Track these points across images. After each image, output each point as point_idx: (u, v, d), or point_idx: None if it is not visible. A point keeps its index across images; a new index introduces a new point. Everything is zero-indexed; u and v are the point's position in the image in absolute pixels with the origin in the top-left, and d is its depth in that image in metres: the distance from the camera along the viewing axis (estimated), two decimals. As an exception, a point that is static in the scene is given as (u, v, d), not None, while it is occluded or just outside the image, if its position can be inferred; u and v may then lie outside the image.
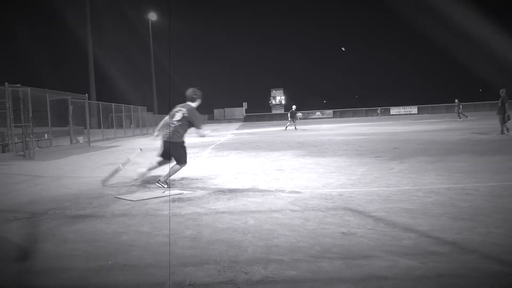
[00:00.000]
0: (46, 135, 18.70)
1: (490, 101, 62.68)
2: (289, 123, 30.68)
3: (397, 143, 14.42)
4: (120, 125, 29.39)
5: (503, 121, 15.97)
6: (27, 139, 15.36)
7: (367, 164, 9.40)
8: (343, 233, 4.23)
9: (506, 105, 16.27)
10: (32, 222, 5.23)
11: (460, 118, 33.77)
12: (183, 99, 7.43)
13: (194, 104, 7.36)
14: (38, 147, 17.22)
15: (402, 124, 31.64)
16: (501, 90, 16.43)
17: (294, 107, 31.36)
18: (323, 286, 3.00)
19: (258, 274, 3.25)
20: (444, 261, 3.37)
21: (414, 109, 66.93)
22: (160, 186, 7.06)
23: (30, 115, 15.65)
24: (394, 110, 67.30)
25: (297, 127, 30.65)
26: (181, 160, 7.28)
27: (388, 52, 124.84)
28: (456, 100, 34.01)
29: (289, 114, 31.20)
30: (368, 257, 3.54)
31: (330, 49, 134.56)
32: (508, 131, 15.81)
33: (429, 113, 62.50)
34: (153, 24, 57.26)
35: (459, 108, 34.10)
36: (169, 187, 7.04)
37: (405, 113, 66.14)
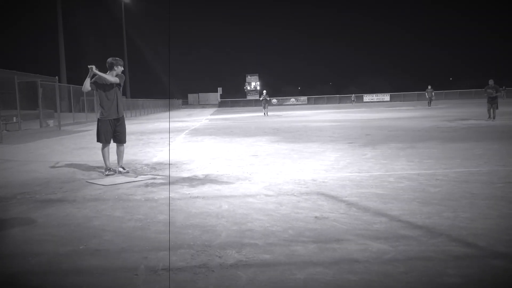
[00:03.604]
0: (14, 118, 18.20)
1: (460, 89, 64.15)
2: (265, 109, 30.58)
3: (369, 130, 14.62)
4: (92, 109, 28.78)
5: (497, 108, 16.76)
6: (-6, 122, 14.91)
7: (340, 150, 9.50)
8: (316, 217, 4.28)
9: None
10: (0, 206, 5.10)
11: (430, 105, 34.45)
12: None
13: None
14: (6, 130, 16.75)
15: (375, 111, 32.05)
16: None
17: (265, 92, 31.25)
18: (297, 269, 3.03)
19: (232, 258, 3.26)
20: (413, 245, 3.45)
21: (386, 97, 67.92)
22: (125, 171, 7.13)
23: (-3, 98, 15.19)
24: (367, 98, 68.15)
25: (268, 113, 30.48)
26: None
27: (362, 41, 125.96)
28: (429, 87, 34.63)
29: (262, 100, 31.13)
30: (340, 240, 3.59)
31: (305, 37, 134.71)
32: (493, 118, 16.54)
33: (401, 101, 63.54)
34: (126, 6, 55.99)
35: (432, 95, 34.75)
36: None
37: (378, 100, 67.08)
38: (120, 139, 7.14)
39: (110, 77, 6.81)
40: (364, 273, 2.93)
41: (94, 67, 6.63)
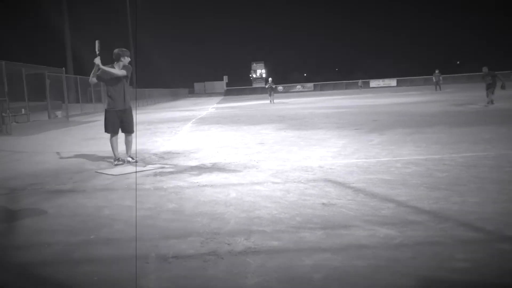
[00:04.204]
0: (23, 110, 18.30)
1: (468, 73, 63.43)
2: (271, 96, 30.41)
3: (376, 116, 14.55)
4: (99, 99, 28.86)
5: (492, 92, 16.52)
6: (3, 114, 15.01)
7: (347, 136, 9.49)
8: (323, 204, 4.30)
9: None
10: (12, 198, 5.18)
11: (438, 89, 34.12)
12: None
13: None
14: (15, 122, 16.87)
15: (382, 96, 31.84)
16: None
17: (270, 79, 31.09)
18: (305, 255, 3.06)
19: (241, 245, 3.30)
20: (421, 230, 3.47)
21: (393, 82, 67.32)
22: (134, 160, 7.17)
23: (6, 90, 15.28)
24: (374, 83, 67.58)
25: (274, 101, 30.31)
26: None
27: (367, 26, 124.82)
28: (437, 71, 34.21)
29: (267, 87, 31.00)
30: (348, 226, 3.62)
31: (310, 23, 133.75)
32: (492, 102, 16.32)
33: (408, 86, 63.02)
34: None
35: (439, 79, 34.33)
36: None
37: (384, 85, 66.51)
38: (127, 129, 7.17)
39: (116, 70, 6.81)
40: (372, 259, 2.96)
41: (99, 63, 6.61)
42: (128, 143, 7.21)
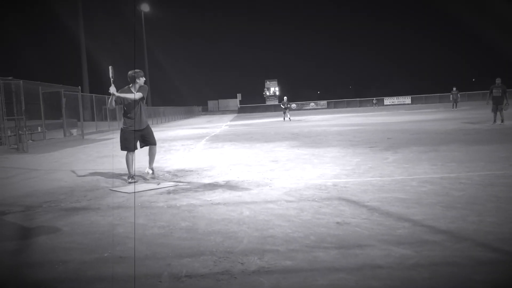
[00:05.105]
0: (39, 128, 18.57)
1: (483, 90, 62.83)
2: (284, 114, 30.79)
3: (391, 133, 14.47)
4: (114, 118, 29.19)
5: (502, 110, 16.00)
6: (20, 132, 15.25)
7: (361, 154, 9.43)
8: (338, 223, 4.26)
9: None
10: (27, 215, 5.22)
11: (455, 107, 33.95)
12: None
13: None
14: (31, 140, 17.11)
15: (396, 114, 31.69)
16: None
17: (285, 98, 31.45)
18: (319, 275, 3.02)
19: (254, 264, 3.27)
20: (437, 250, 3.41)
21: (408, 99, 67.05)
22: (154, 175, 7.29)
23: (23, 108, 15.53)
24: (388, 101, 67.39)
25: (291, 118, 30.74)
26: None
27: (381, 43, 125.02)
28: (454, 88, 34.22)
29: (282, 105, 31.48)
30: (363, 246, 3.57)
31: (324, 41, 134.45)
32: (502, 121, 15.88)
33: (422, 103, 62.65)
34: (145, 15, 56.76)
35: (457, 97, 34.32)
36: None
37: (399, 103, 66.29)
38: (151, 142, 7.28)
39: (133, 95, 6.87)
40: (387, 279, 2.91)
41: (114, 91, 6.69)
42: (152, 155, 7.34)
